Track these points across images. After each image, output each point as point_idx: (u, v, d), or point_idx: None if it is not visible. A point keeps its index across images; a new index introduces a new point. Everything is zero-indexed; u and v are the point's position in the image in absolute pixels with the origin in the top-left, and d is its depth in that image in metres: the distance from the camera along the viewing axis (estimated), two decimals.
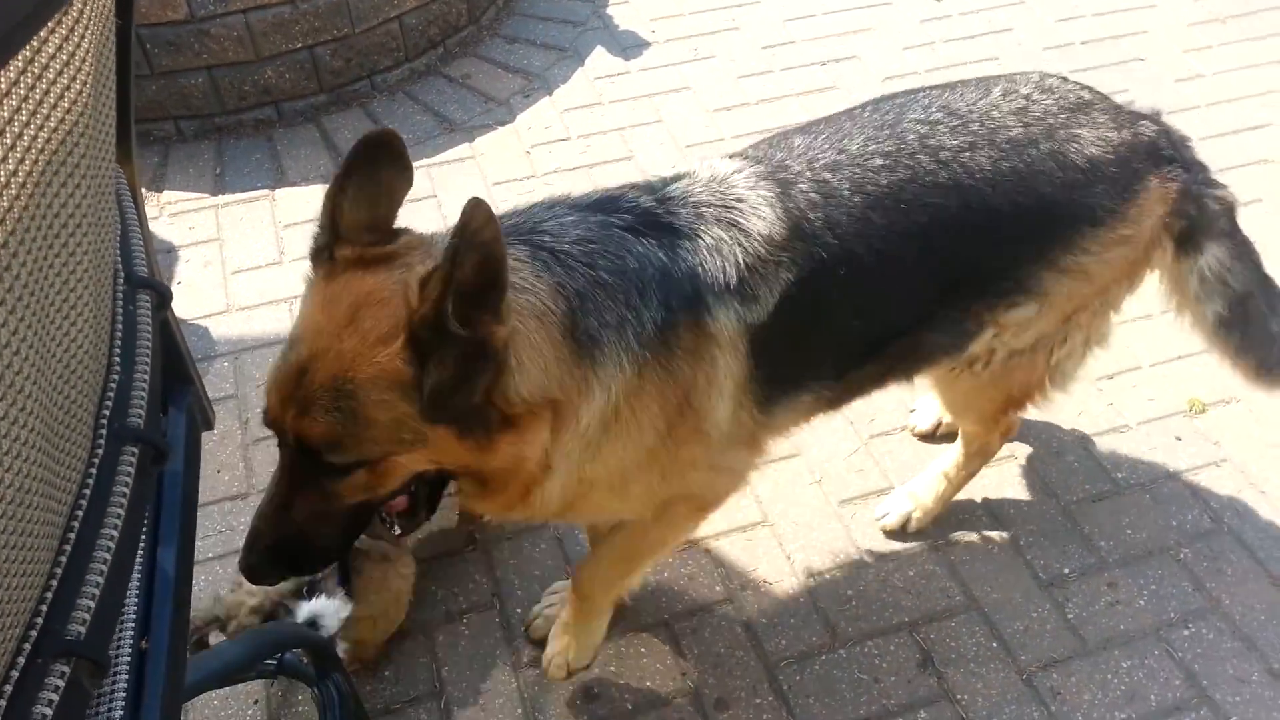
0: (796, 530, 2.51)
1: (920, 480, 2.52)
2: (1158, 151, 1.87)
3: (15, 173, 0.78)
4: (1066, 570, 2.43)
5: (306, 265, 1.49)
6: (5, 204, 0.71)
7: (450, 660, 2.26)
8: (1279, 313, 2.03)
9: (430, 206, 3.44)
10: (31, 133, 0.81)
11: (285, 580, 1.83)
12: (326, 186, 1.43)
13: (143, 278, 1.20)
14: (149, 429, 1.09)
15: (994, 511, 2.56)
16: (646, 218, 1.60)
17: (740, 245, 1.60)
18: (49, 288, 0.85)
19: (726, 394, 1.65)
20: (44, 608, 0.91)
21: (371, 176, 1.41)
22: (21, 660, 0.88)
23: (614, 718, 2.17)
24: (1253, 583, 2.39)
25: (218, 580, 2.41)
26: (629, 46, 4.16)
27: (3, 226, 0.71)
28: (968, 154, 1.75)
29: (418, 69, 4.03)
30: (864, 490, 2.61)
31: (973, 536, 2.51)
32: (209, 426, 1.61)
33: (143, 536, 1.24)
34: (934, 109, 1.82)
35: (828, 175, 1.71)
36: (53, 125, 0.88)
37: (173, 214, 3.45)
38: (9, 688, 0.85)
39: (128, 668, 1.13)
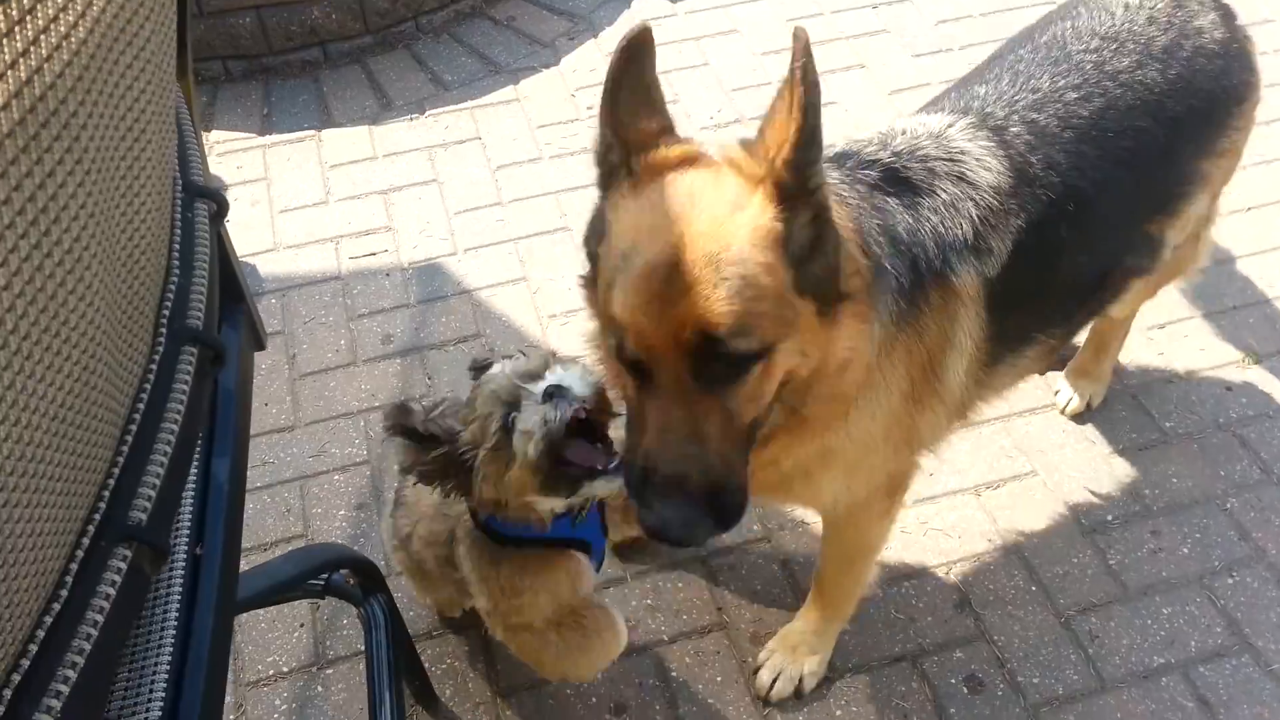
0: None
1: (1085, 355, 2.57)
2: (1231, 13, 1.95)
3: (85, 41, 0.79)
4: (1110, 517, 2.41)
5: (593, 193, 1.38)
6: (65, 56, 0.71)
7: None
8: None
9: (474, 148, 3.44)
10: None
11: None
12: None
13: (200, 186, 1.22)
14: (207, 331, 1.12)
15: (1036, 459, 2.54)
16: (887, 172, 1.55)
17: (972, 200, 1.58)
18: (115, 173, 0.86)
19: (965, 353, 1.61)
20: (106, 493, 0.95)
21: (640, 79, 1.30)
22: (86, 542, 0.91)
23: (650, 648, 2.20)
24: None
25: (264, 509, 2.47)
26: None
27: (61, 79, 0.71)
28: (1140, 71, 1.77)
29: (463, 11, 4.01)
30: None
31: (1014, 483, 2.49)
32: (261, 347, 1.63)
33: (198, 446, 1.27)
34: (1086, 36, 1.82)
35: (1034, 115, 1.70)
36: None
37: (220, 153, 3.48)
38: (75, 565, 0.89)
39: (183, 572, 1.17)
